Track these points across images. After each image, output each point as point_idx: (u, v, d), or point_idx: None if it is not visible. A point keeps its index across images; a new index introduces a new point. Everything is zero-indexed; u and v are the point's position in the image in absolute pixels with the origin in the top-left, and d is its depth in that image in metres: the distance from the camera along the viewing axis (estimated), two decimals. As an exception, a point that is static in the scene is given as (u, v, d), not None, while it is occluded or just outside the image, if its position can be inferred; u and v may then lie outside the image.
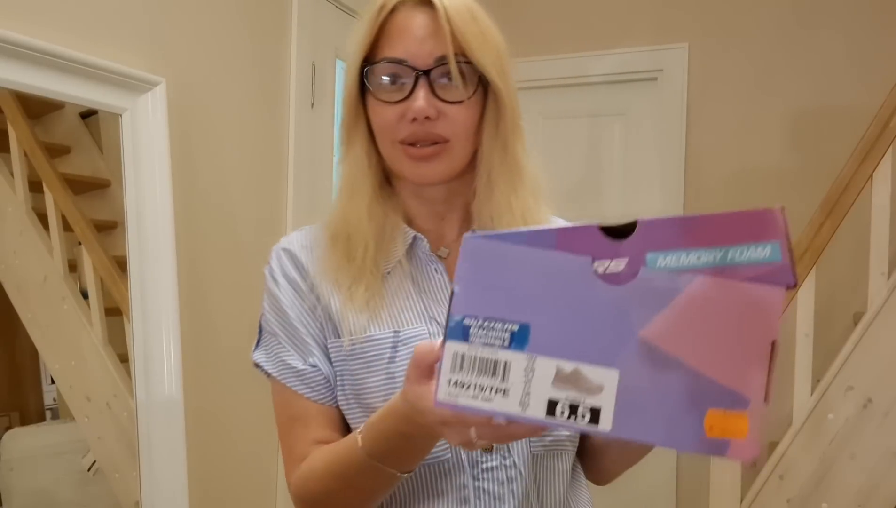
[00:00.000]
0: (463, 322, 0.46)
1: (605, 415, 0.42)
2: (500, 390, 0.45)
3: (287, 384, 0.77)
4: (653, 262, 0.42)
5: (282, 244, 0.81)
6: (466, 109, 0.73)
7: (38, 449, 1.41)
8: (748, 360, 0.41)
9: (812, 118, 2.37)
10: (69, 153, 1.45)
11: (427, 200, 0.80)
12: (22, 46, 1.16)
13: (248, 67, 1.76)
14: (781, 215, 0.41)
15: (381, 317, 0.75)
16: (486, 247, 0.46)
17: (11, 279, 1.34)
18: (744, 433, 0.40)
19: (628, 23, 2.58)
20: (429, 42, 0.71)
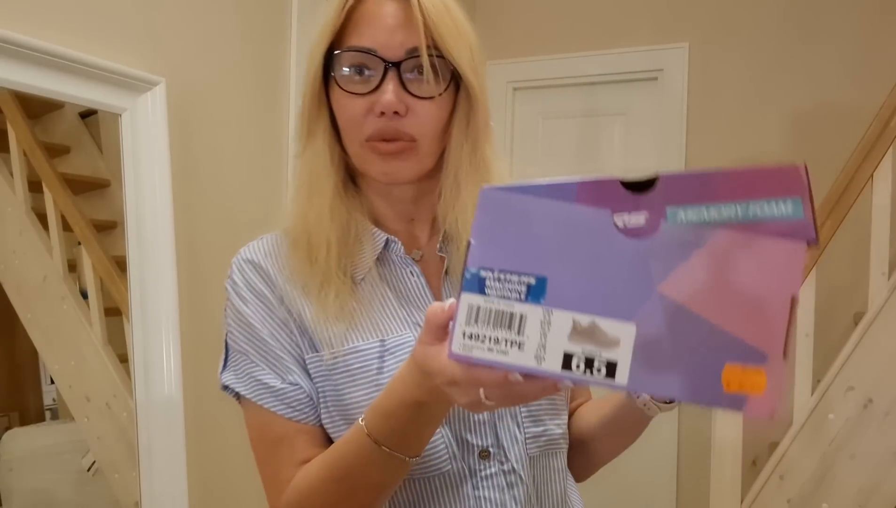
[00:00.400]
0: (479, 274, 0.45)
1: (621, 369, 0.42)
2: (515, 343, 0.44)
3: (264, 405, 0.70)
4: (673, 216, 0.42)
5: (243, 255, 0.75)
6: (437, 106, 0.69)
7: (37, 449, 1.41)
8: (767, 315, 0.40)
9: (812, 118, 2.36)
10: (69, 153, 1.45)
11: (396, 200, 0.76)
12: (22, 46, 1.15)
13: (248, 66, 1.75)
14: (804, 171, 0.40)
15: (362, 326, 0.70)
16: (502, 199, 0.45)
17: (11, 279, 1.34)
18: (761, 389, 0.40)
19: (628, 23, 2.58)
20: (400, 32, 0.66)
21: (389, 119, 0.67)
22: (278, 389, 0.70)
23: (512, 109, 2.78)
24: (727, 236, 0.41)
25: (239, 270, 0.74)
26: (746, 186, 0.41)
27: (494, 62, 2.76)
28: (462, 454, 0.70)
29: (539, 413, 0.74)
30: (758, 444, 2.29)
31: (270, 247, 0.76)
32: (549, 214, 0.44)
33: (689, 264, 0.41)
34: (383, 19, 0.67)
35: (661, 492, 2.57)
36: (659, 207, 0.42)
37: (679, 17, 2.52)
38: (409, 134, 0.68)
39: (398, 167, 0.70)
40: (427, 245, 0.77)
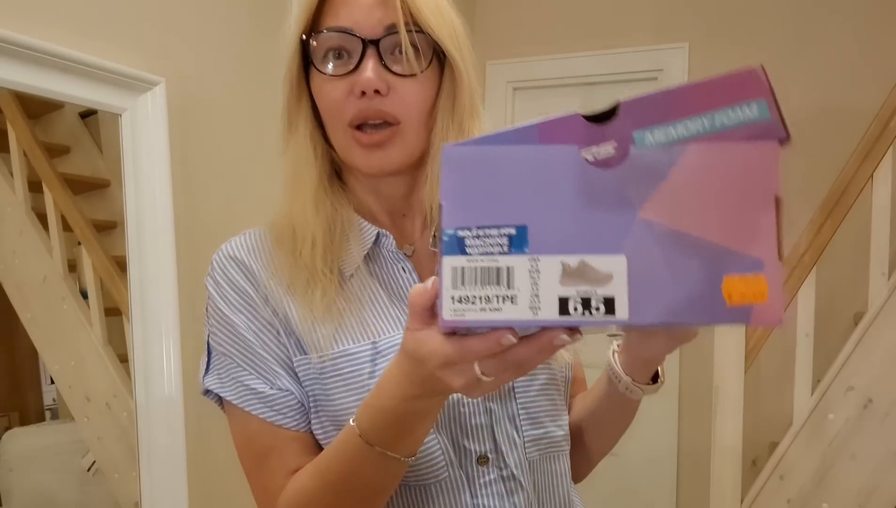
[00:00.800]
0: (457, 235, 0.43)
1: (619, 304, 0.41)
2: (507, 297, 0.42)
3: (252, 411, 0.67)
4: (641, 140, 0.41)
5: (224, 251, 0.71)
6: (420, 84, 0.65)
7: (37, 450, 1.41)
8: (754, 220, 0.40)
9: (812, 118, 2.36)
10: (69, 153, 1.45)
11: (385, 196, 0.73)
12: (21, 46, 1.15)
13: (248, 66, 1.75)
14: (763, 72, 0.41)
15: (351, 327, 0.67)
16: (466, 154, 0.43)
17: (11, 279, 1.34)
18: (764, 296, 0.39)
19: (628, 23, 2.58)
20: (377, 10, 0.64)
21: (370, 99, 0.64)
22: (266, 394, 0.67)
23: (512, 109, 2.77)
24: (699, 148, 0.40)
25: (220, 267, 0.71)
26: (708, 97, 0.40)
27: (494, 62, 2.76)
28: (459, 460, 0.68)
29: (538, 415, 0.72)
30: (758, 444, 2.29)
31: (254, 242, 0.72)
32: (515, 160, 0.43)
33: (666, 184, 0.41)
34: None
35: (662, 492, 2.57)
36: (625, 133, 0.42)
37: (679, 17, 2.52)
38: (392, 114, 0.65)
39: (382, 157, 0.66)
40: (419, 240, 0.74)
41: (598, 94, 2.66)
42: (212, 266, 0.72)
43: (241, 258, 0.70)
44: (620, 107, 0.42)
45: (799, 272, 1.93)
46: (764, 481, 1.96)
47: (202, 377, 0.71)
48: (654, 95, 0.41)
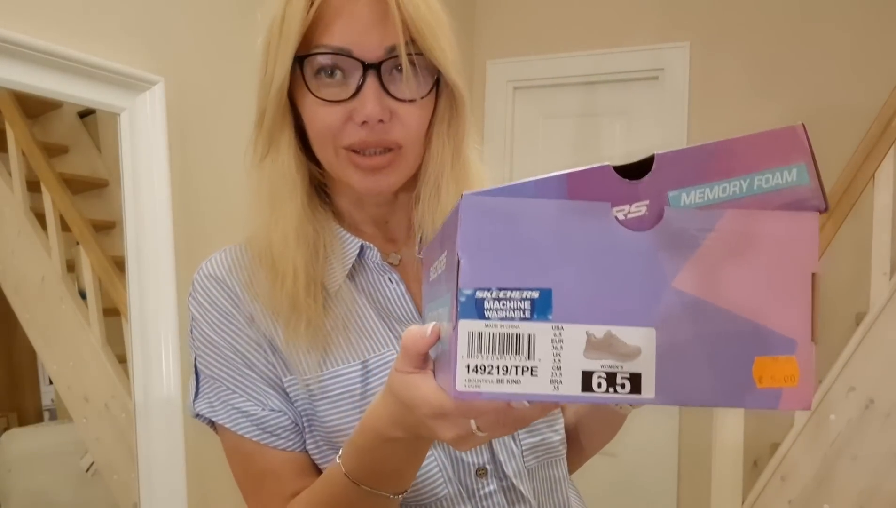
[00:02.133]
0: (475, 296, 0.39)
1: (646, 381, 0.38)
2: (527, 368, 0.39)
3: (245, 434, 0.65)
4: (676, 200, 0.39)
5: (205, 270, 0.69)
6: (420, 108, 0.62)
7: (36, 450, 1.41)
8: (789, 297, 0.38)
9: (813, 117, 2.36)
10: (67, 153, 1.45)
11: (369, 204, 0.70)
12: (20, 46, 1.15)
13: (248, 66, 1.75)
14: (804, 132, 0.38)
15: (339, 347, 0.65)
16: (488, 205, 0.40)
17: (9, 280, 1.34)
18: (795, 380, 0.38)
19: (629, 22, 2.58)
20: (376, 29, 0.59)
21: (372, 129, 0.61)
22: (259, 416, 0.65)
23: (512, 108, 2.77)
24: (735, 216, 0.38)
25: (202, 288, 0.68)
26: (747, 156, 0.39)
27: (494, 62, 2.76)
28: (458, 475, 0.66)
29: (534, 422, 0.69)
30: (759, 445, 2.28)
31: (234, 260, 0.69)
32: (540, 215, 0.39)
33: (700, 253, 0.39)
34: (357, 15, 0.59)
35: (662, 493, 2.56)
36: (659, 191, 0.39)
37: (679, 16, 2.51)
38: (395, 141, 0.62)
39: (381, 180, 0.64)
40: (405, 247, 0.72)
41: (598, 93, 2.66)
42: (193, 287, 0.69)
43: (222, 278, 0.68)
44: (656, 161, 0.40)
45: (800, 272, 1.92)
46: (765, 482, 1.95)
47: (192, 402, 0.69)
48: (690, 151, 0.40)
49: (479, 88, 2.79)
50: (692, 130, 2.51)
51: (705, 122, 2.49)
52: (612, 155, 2.66)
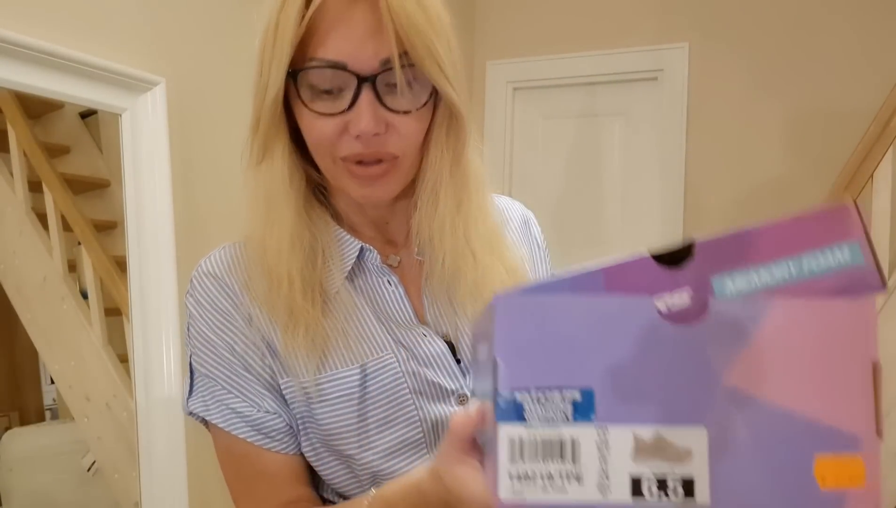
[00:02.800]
0: (515, 398, 0.38)
1: (699, 486, 0.36)
2: (572, 475, 0.37)
3: (239, 434, 0.64)
4: (720, 288, 0.37)
5: (203, 268, 0.68)
6: (416, 119, 0.61)
7: (37, 450, 1.41)
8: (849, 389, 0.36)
9: (812, 118, 2.36)
10: (69, 153, 1.45)
11: (369, 209, 0.69)
12: (22, 46, 1.15)
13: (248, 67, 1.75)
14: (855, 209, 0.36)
15: (337, 351, 0.64)
16: (522, 305, 0.38)
17: (11, 280, 1.34)
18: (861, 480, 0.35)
19: (628, 23, 2.58)
20: (371, 41, 0.57)
21: (367, 142, 0.60)
22: (254, 418, 0.64)
23: (512, 109, 2.78)
24: (785, 304, 0.36)
25: (200, 286, 0.67)
26: (794, 237, 0.36)
27: (494, 62, 2.76)
28: None
29: None
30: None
31: (233, 259, 0.68)
32: (578, 312, 0.38)
33: (751, 345, 0.36)
34: (351, 26, 0.57)
35: (661, 492, 2.57)
36: (702, 279, 0.37)
37: (679, 17, 2.52)
38: (391, 153, 0.61)
39: (378, 189, 0.63)
40: (404, 249, 0.71)
41: (597, 94, 2.66)
42: (191, 285, 0.68)
43: (220, 276, 0.67)
44: (696, 247, 0.38)
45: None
46: (764, 481, 1.96)
47: (185, 400, 0.68)
48: (733, 236, 0.37)
49: (479, 89, 2.79)
50: (691, 131, 2.51)
51: (704, 122, 2.50)
52: (611, 155, 2.67)
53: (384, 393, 0.64)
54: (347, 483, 0.67)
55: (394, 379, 0.64)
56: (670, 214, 2.53)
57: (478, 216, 0.67)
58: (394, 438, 0.64)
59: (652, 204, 2.57)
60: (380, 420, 0.64)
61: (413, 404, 0.65)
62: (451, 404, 0.66)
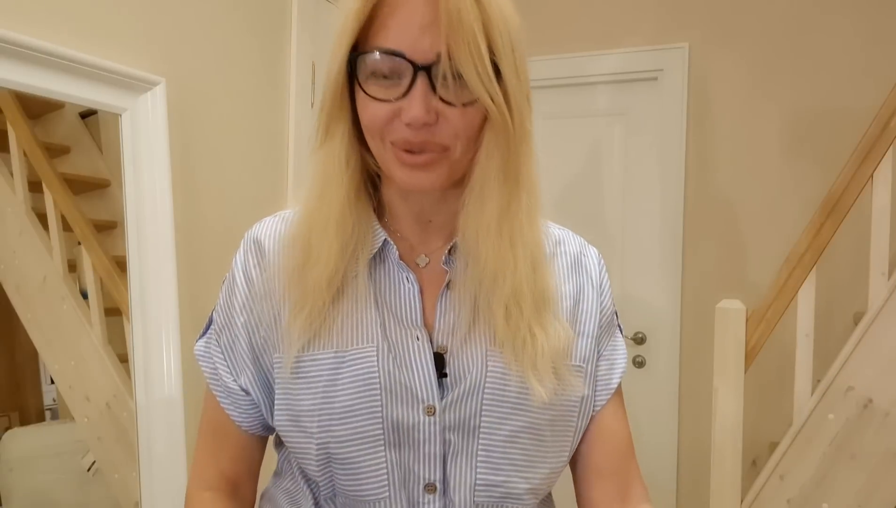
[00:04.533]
0: None
1: None
2: None
3: (217, 395, 0.73)
4: None
5: (254, 233, 0.74)
6: (467, 113, 0.62)
7: (37, 450, 1.41)
8: None
9: (812, 118, 2.37)
10: (69, 153, 1.45)
11: (413, 201, 0.71)
12: (22, 46, 1.15)
13: (248, 66, 1.75)
14: None
15: (329, 333, 0.68)
16: None
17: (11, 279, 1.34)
18: None
19: (628, 23, 2.58)
20: (429, 33, 0.58)
21: (418, 130, 0.61)
22: (229, 387, 0.72)
23: (512, 109, 2.77)
24: None
25: (243, 249, 0.74)
26: None
27: (494, 62, 2.76)
28: (405, 483, 0.67)
29: (499, 462, 0.67)
30: (758, 444, 2.29)
31: (280, 231, 0.73)
32: None
33: None
34: (412, 17, 0.59)
35: (662, 492, 2.57)
36: None
37: (679, 17, 2.52)
38: (440, 143, 0.62)
39: (424, 178, 0.64)
40: (437, 251, 0.72)
41: (597, 94, 2.66)
42: (242, 243, 0.74)
43: (263, 246, 0.72)
44: None
45: (799, 272, 1.93)
46: (764, 481, 1.96)
47: (197, 339, 0.76)
48: None
49: (478, 89, 2.79)
50: (691, 131, 2.51)
51: (704, 122, 2.50)
52: (610, 155, 2.67)
53: (354, 383, 0.66)
54: (306, 458, 0.69)
55: (367, 372, 0.66)
56: (670, 214, 2.53)
57: (524, 223, 0.66)
58: (353, 427, 0.66)
59: (652, 204, 2.57)
60: (344, 407, 0.66)
61: (379, 400, 0.66)
62: (419, 412, 0.66)
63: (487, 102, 0.61)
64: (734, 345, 1.94)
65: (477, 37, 0.58)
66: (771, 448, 2.06)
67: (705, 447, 2.04)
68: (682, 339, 2.54)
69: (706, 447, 2.03)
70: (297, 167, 1.90)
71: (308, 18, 1.93)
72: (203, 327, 0.77)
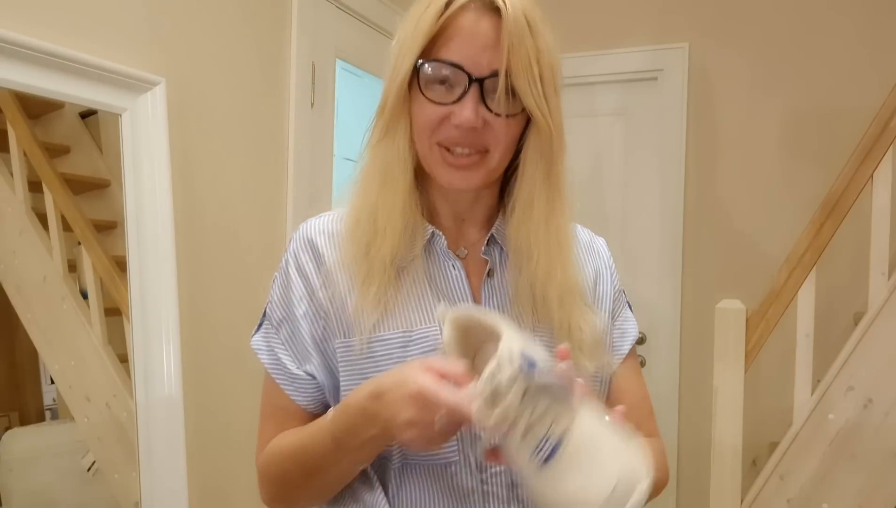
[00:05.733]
0: None
1: None
2: None
3: (277, 381, 0.77)
4: None
5: (304, 231, 0.80)
6: (510, 124, 0.72)
7: (37, 450, 1.41)
8: None
9: (812, 118, 2.36)
10: (69, 153, 1.45)
11: (452, 200, 0.79)
12: (22, 46, 1.15)
13: (248, 66, 1.75)
14: None
15: (393, 315, 0.74)
16: None
17: (11, 279, 1.34)
18: None
19: (628, 23, 2.58)
20: (487, 52, 0.69)
21: (464, 132, 0.70)
22: (293, 374, 0.76)
23: (512, 109, 2.77)
24: None
25: (296, 247, 0.79)
26: None
27: (494, 62, 2.76)
28: (474, 446, 0.72)
29: None
30: (758, 444, 2.28)
31: (331, 227, 0.79)
32: None
33: None
34: (475, 37, 0.69)
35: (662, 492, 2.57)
36: None
37: (679, 17, 2.52)
38: (483, 145, 0.72)
39: (465, 177, 0.73)
40: (474, 245, 0.80)
41: (597, 94, 2.66)
42: (292, 241, 0.80)
43: (315, 242, 0.78)
44: None
45: (799, 272, 1.93)
46: (764, 481, 1.96)
47: (252, 335, 0.81)
48: None
49: (478, 89, 2.79)
50: (691, 131, 2.51)
51: (704, 122, 2.50)
52: (610, 155, 2.66)
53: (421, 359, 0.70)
54: None
55: (432, 348, 0.72)
56: (670, 213, 2.53)
57: (566, 226, 0.77)
58: None
59: (652, 204, 2.57)
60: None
61: None
62: None
63: (537, 115, 0.71)
64: (734, 345, 1.94)
65: (531, 60, 0.69)
66: (771, 448, 2.05)
67: (705, 447, 2.04)
68: (682, 339, 2.54)
69: (706, 447, 2.03)
70: (297, 167, 1.90)
71: (308, 18, 1.93)
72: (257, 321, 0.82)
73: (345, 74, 2.20)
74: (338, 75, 2.13)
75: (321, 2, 2.01)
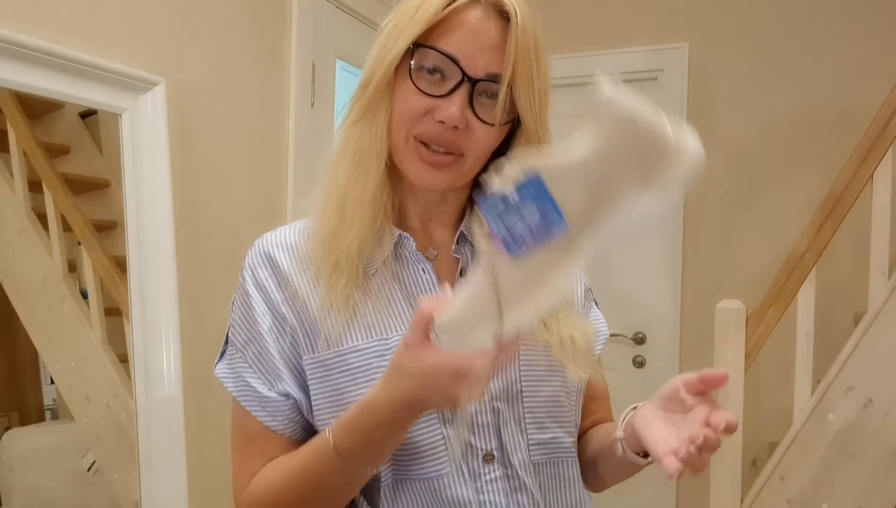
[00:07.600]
0: None
1: None
2: None
3: (248, 408, 0.72)
4: None
5: (259, 247, 0.75)
6: (493, 132, 0.69)
7: (37, 450, 1.41)
8: None
9: (812, 118, 2.36)
10: (69, 153, 1.45)
11: (420, 198, 0.76)
12: (22, 46, 1.15)
13: (248, 66, 1.75)
14: None
15: (365, 323, 0.70)
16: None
17: (11, 280, 1.34)
18: None
19: (628, 23, 2.58)
20: (487, 53, 0.66)
21: (445, 130, 0.67)
22: (264, 397, 0.71)
23: (512, 109, 2.77)
24: None
25: (251, 264, 0.74)
26: None
27: (494, 62, 2.76)
28: (464, 456, 0.70)
29: (545, 420, 0.74)
30: (758, 444, 2.29)
31: (291, 238, 0.75)
32: None
33: None
34: (478, 35, 0.66)
35: (661, 492, 2.57)
36: None
37: (679, 17, 2.52)
38: (460, 148, 0.68)
39: (436, 177, 0.70)
40: (443, 246, 0.77)
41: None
42: (247, 259, 0.75)
43: (273, 256, 0.73)
44: None
45: (799, 272, 1.93)
46: (764, 481, 1.96)
47: (216, 362, 0.76)
48: None
49: (478, 89, 2.79)
50: (691, 131, 2.51)
51: (704, 122, 2.50)
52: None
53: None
54: None
55: None
56: (670, 213, 2.52)
57: None
58: None
59: (652, 204, 2.56)
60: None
61: None
62: None
63: (532, 129, 0.70)
64: (734, 345, 1.94)
65: (533, 76, 0.67)
66: (771, 448, 2.05)
67: (705, 447, 2.04)
68: (682, 339, 2.54)
69: (706, 447, 2.03)
70: (297, 167, 1.90)
71: (308, 18, 1.93)
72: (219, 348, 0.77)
73: (345, 74, 2.20)
74: (338, 75, 2.13)
75: (321, 2, 2.01)
